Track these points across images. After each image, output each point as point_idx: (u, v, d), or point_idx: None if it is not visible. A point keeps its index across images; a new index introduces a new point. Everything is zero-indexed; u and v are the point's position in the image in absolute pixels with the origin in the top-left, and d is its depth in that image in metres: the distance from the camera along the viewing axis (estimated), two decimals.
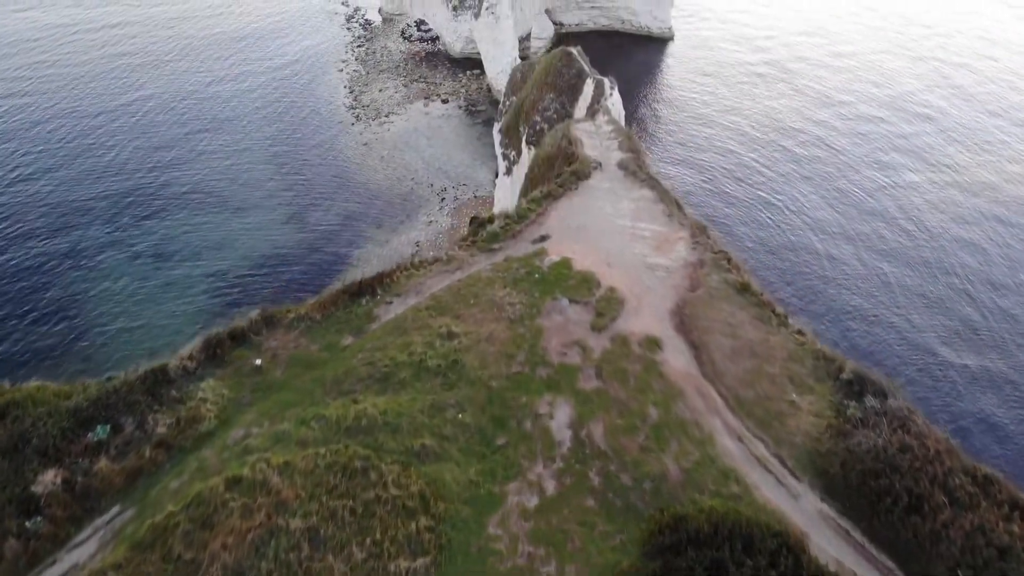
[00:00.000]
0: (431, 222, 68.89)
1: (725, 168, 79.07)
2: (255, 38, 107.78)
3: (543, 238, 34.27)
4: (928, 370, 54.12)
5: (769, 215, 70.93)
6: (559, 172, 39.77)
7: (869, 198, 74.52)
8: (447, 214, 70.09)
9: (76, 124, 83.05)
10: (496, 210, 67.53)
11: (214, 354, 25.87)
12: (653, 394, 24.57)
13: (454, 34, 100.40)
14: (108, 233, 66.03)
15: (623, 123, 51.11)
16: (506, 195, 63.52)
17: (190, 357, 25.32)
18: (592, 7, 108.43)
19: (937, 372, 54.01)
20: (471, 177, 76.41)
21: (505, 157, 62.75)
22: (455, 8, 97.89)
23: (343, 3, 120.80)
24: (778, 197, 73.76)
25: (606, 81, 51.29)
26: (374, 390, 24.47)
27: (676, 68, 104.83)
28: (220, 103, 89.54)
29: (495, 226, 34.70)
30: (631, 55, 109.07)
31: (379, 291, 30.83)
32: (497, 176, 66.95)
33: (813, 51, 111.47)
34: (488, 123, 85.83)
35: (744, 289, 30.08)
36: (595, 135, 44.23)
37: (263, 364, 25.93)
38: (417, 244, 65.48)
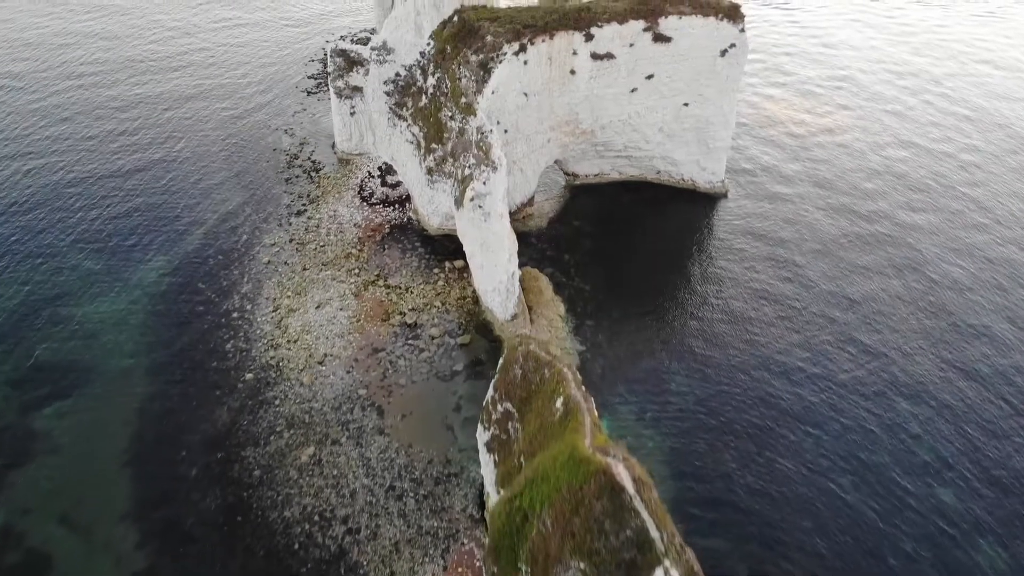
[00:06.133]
0: None
1: (820, 474, 50.86)
2: (157, 194, 79.46)
3: None
4: None
5: None
6: None
7: None
8: None
9: None
10: None
11: None
12: None
13: (429, 204, 72.37)
14: None
15: None
16: None
17: None
18: (617, 156, 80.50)
19: None
20: (440, 510, 47.72)
21: None
22: (430, 172, 69.85)
23: (287, 131, 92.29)
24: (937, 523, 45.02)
25: None
26: None
27: (729, 242, 76.65)
28: (86, 335, 60.99)
29: None
30: (666, 214, 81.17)
31: None
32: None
33: (931, 225, 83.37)
34: (474, 369, 57.87)
35: None
36: None
37: None
38: None
